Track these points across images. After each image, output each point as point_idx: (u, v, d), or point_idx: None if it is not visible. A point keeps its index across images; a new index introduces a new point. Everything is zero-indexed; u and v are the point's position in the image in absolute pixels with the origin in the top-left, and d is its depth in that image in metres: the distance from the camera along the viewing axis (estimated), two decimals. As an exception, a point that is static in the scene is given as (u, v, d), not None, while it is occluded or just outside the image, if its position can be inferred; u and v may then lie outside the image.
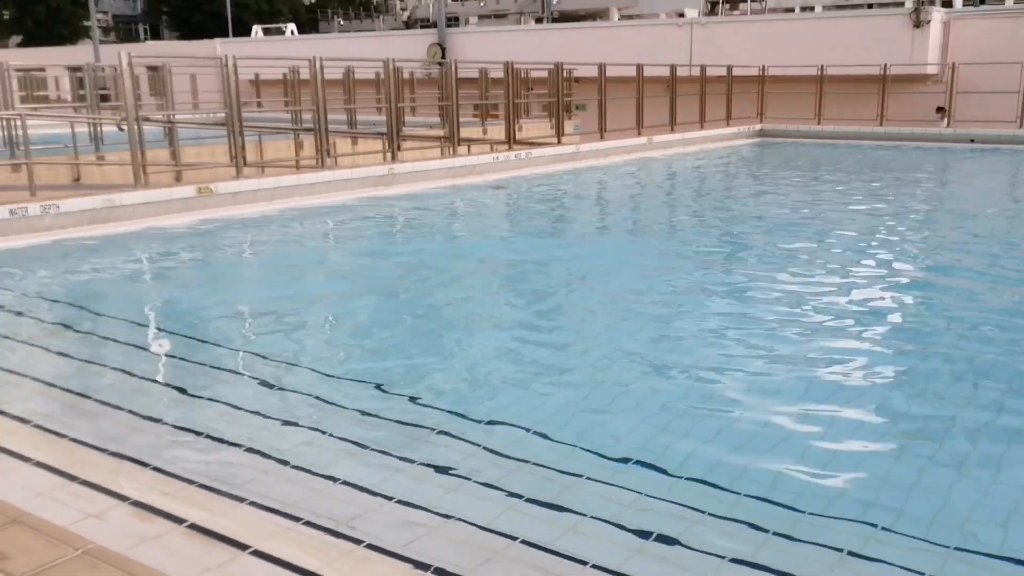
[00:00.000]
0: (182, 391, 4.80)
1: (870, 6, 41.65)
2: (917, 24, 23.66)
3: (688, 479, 3.66)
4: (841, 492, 3.64)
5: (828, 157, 18.37)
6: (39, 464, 3.35)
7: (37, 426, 4.00)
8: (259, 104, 25.51)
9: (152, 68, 16.96)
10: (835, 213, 11.35)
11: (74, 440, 3.86)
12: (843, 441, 4.19)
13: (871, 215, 11.13)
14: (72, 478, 3.22)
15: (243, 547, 2.84)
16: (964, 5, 30.77)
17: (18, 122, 10.66)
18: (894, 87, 21.77)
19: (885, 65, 21.38)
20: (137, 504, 3.03)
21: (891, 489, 3.66)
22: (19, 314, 6.44)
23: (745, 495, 3.52)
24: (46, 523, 2.78)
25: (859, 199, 12.50)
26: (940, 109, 21.78)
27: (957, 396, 4.81)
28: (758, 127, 22.03)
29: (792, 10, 41.68)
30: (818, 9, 43.30)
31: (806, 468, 3.83)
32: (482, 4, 52.45)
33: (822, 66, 21.91)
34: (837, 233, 9.84)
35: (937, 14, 24.41)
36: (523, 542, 3.10)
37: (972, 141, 19.30)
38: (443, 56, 31.36)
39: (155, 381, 5.07)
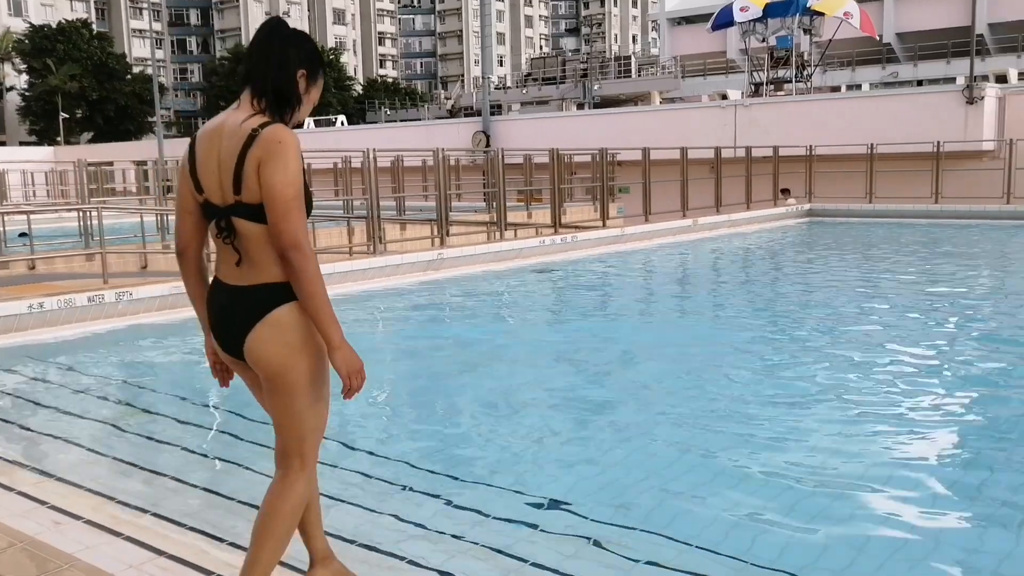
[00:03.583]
0: (247, 468, 5.00)
1: (919, 83, 41.95)
2: (970, 100, 23.67)
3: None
4: None
5: (880, 236, 18.22)
6: (128, 539, 3.57)
7: (120, 502, 4.23)
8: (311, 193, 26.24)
9: (213, 160, 17.65)
10: (887, 296, 11.32)
11: (155, 515, 4.08)
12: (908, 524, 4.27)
13: (927, 297, 11.12)
14: (159, 552, 3.43)
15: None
16: (1020, 80, 30.72)
17: (93, 214, 11.21)
18: (949, 164, 21.57)
19: (938, 142, 21.34)
20: (221, 577, 3.22)
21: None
22: (97, 395, 6.76)
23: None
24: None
25: (914, 281, 12.42)
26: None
27: None
28: (807, 207, 22.04)
29: (838, 89, 42.05)
30: (865, 87, 43.67)
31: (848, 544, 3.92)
32: (524, 92, 53.76)
33: (872, 144, 21.93)
34: (887, 316, 9.88)
35: (991, 90, 24.41)
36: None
37: None
38: (487, 143, 32.14)
39: (222, 459, 5.30)
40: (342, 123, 47.42)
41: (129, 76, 71.32)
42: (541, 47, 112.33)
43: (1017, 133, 22.05)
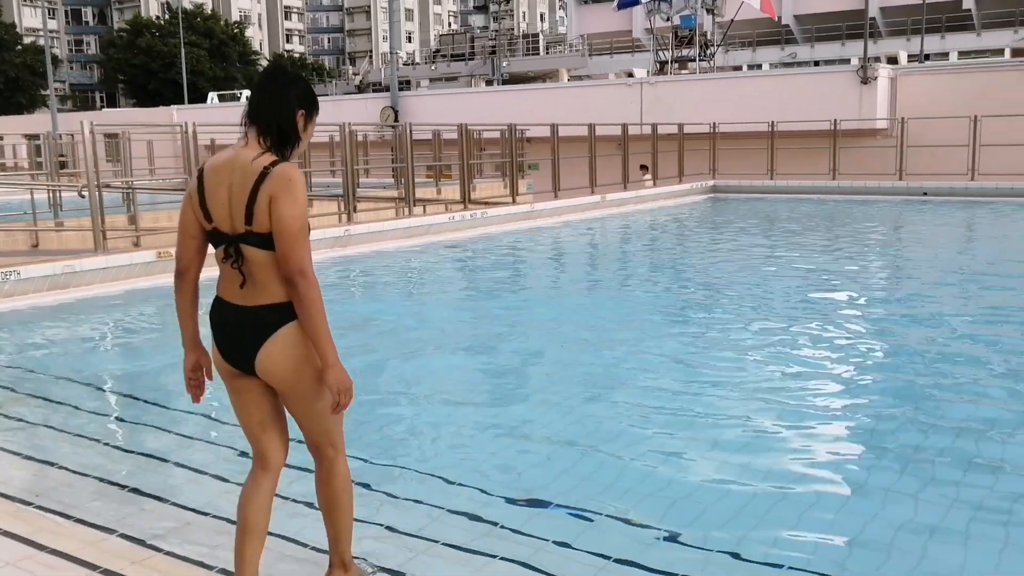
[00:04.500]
0: (144, 455, 4.79)
1: (816, 63, 43.10)
2: (864, 81, 24.48)
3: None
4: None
5: (781, 211, 18.72)
6: (7, 533, 3.36)
7: (1, 495, 4.00)
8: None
9: (109, 136, 16.98)
10: (788, 268, 11.61)
11: (39, 508, 3.86)
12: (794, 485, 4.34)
13: (826, 268, 11.43)
14: (41, 547, 3.23)
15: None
16: (909, 62, 31.87)
17: (-25, 191, 10.66)
18: (845, 142, 22.24)
19: (835, 120, 21.97)
20: (107, 573, 3.05)
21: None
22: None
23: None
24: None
25: (814, 254, 12.75)
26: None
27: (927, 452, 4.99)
28: (711, 183, 22.37)
29: (740, 68, 42.88)
30: (765, 67, 44.63)
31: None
32: (433, 68, 53.21)
33: (772, 122, 22.43)
34: (789, 287, 10.10)
35: (884, 71, 25.25)
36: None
37: (925, 194, 19.75)
38: (396, 118, 31.72)
39: (114, 446, 5.07)
40: (247, 98, 46.17)
41: (20, 47, 68.15)
42: (450, 24, 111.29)
43: (908, 112, 22.87)
